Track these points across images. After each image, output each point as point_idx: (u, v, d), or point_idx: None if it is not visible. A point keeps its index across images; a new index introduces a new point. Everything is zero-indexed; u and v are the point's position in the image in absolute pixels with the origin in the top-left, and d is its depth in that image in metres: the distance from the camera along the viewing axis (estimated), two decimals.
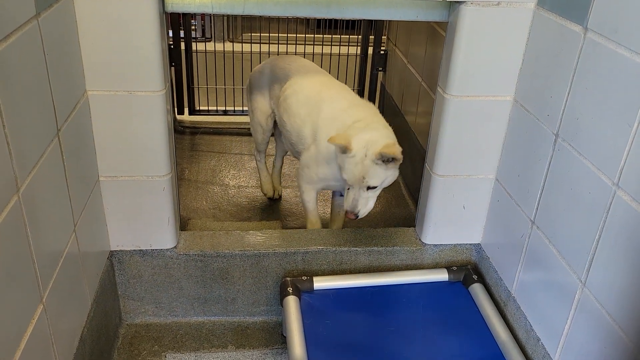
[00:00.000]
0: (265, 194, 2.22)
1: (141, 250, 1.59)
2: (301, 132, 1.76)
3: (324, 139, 1.62)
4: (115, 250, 1.59)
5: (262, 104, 2.00)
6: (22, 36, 0.97)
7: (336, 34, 3.02)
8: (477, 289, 1.60)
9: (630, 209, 1.03)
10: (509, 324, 1.51)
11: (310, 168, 1.74)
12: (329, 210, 2.01)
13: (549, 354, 1.31)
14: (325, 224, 1.94)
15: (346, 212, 1.56)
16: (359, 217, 1.56)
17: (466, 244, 1.71)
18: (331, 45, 2.90)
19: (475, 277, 1.63)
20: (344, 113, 1.66)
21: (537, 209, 1.37)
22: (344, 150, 1.50)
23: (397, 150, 1.47)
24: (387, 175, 1.52)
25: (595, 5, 1.14)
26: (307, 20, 3.91)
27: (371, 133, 1.53)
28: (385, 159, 1.48)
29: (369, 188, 1.53)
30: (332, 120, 1.67)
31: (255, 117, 2.04)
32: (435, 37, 1.97)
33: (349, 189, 1.56)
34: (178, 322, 1.71)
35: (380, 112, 1.72)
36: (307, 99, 1.76)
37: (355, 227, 1.79)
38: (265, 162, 2.21)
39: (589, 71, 1.16)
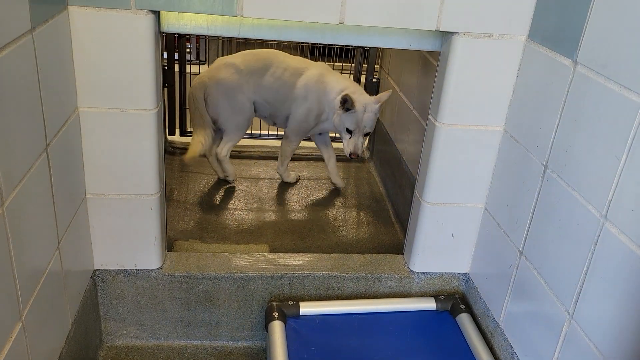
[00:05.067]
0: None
1: (125, 270, 1.57)
2: (295, 97, 2.22)
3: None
4: (99, 270, 1.56)
5: (245, 99, 2.23)
6: (15, 49, 0.97)
7: (330, 61, 3.05)
8: (464, 319, 1.58)
9: (617, 242, 1.03)
10: (495, 355, 1.50)
11: (305, 121, 2.24)
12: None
13: None
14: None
15: (350, 154, 2.11)
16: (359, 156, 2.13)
17: (454, 273, 1.71)
18: None
19: (462, 306, 1.62)
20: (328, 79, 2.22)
21: (525, 239, 1.37)
22: (350, 107, 2.05)
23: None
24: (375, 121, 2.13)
25: (585, 39, 1.16)
26: (302, 46, 3.96)
27: (363, 95, 2.12)
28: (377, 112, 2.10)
29: (365, 134, 2.13)
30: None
31: (244, 113, 2.24)
32: (427, 66, 2.00)
33: (350, 137, 2.11)
34: (160, 345, 1.68)
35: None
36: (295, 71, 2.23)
37: (344, 253, 1.78)
38: None
39: (578, 104, 1.17)
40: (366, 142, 2.29)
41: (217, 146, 2.28)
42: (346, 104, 2.04)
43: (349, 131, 2.09)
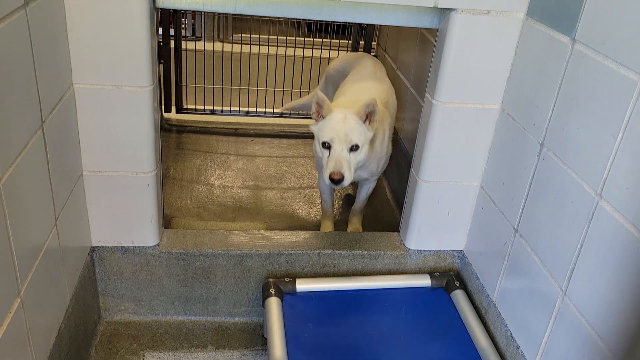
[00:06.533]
0: None
1: (123, 247, 1.58)
2: None
3: None
4: (97, 246, 1.57)
5: None
6: (8, 25, 0.96)
7: (327, 38, 3.02)
8: (458, 296, 1.60)
9: (611, 220, 1.04)
10: (489, 330, 1.52)
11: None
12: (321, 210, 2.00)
13: None
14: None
15: (330, 175, 1.52)
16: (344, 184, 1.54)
17: (449, 251, 1.72)
18: (321, 49, 2.90)
19: (457, 283, 1.63)
20: None
21: (520, 217, 1.38)
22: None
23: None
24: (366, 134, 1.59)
25: (583, 17, 1.16)
26: (298, 23, 3.92)
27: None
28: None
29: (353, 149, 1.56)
30: None
31: None
32: (424, 43, 1.98)
33: (329, 155, 1.56)
34: (158, 321, 1.69)
35: None
36: None
37: (340, 230, 1.79)
38: None
39: (576, 82, 1.17)
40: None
41: None
42: (321, 109, 1.60)
43: (327, 146, 1.57)
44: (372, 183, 1.92)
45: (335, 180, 1.53)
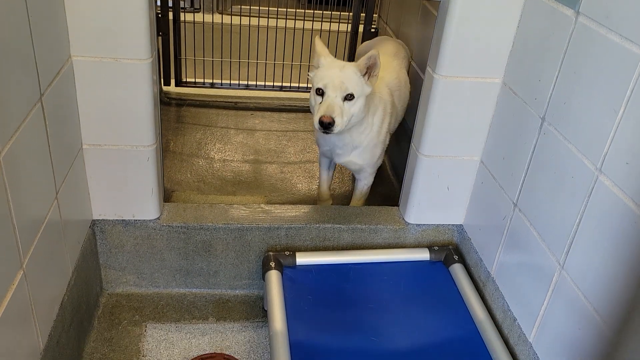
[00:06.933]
0: None
1: (124, 220, 1.58)
2: None
3: None
4: (98, 220, 1.57)
5: None
6: None
7: (327, 10, 2.98)
8: (457, 269, 1.62)
9: (611, 194, 1.05)
10: (487, 303, 1.54)
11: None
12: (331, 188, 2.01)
13: (524, 334, 1.34)
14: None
15: (320, 120, 1.49)
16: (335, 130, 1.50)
17: (448, 225, 1.73)
18: (322, 21, 2.87)
19: (456, 257, 1.65)
20: None
21: (520, 191, 1.38)
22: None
23: None
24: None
25: None
26: None
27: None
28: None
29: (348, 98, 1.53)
30: None
31: None
32: (426, 16, 1.96)
33: (321, 102, 1.54)
34: (159, 293, 1.71)
35: None
36: None
37: (340, 205, 1.79)
38: None
39: (579, 56, 1.16)
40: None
41: None
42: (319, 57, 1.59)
43: (320, 93, 1.55)
44: (368, 179, 1.86)
45: (325, 124, 1.48)
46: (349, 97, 1.53)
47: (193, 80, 2.83)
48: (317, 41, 1.56)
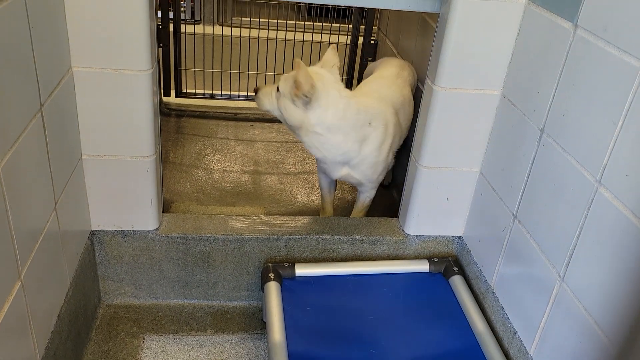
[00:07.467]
0: None
1: (122, 231, 1.58)
2: None
3: None
4: (96, 230, 1.57)
5: None
6: (7, 6, 0.95)
7: (327, 22, 3.00)
8: (457, 281, 1.61)
9: (610, 206, 1.04)
10: (487, 316, 1.53)
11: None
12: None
13: (524, 347, 1.33)
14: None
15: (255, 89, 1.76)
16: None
17: (448, 236, 1.73)
18: (321, 33, 2.88)
19: (455, 269, 1.64)
20: None
21: (519, 203, 1.38)
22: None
23: None
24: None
25: (586, 2, 1.15)
26: (298, 6, 3.89)
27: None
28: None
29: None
30: None
31: None
32: (425, 28, 1.97)
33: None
34: (158, 305, 1.70)
35: None
36: None
37: (339, 216, 1.79)
38: None
39: (577, 68, 1.17)
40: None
41: None
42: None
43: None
44: (369, 192, 1.85)
45: (255, 91, 1.78)
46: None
47: (193, 91, 2.83)
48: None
